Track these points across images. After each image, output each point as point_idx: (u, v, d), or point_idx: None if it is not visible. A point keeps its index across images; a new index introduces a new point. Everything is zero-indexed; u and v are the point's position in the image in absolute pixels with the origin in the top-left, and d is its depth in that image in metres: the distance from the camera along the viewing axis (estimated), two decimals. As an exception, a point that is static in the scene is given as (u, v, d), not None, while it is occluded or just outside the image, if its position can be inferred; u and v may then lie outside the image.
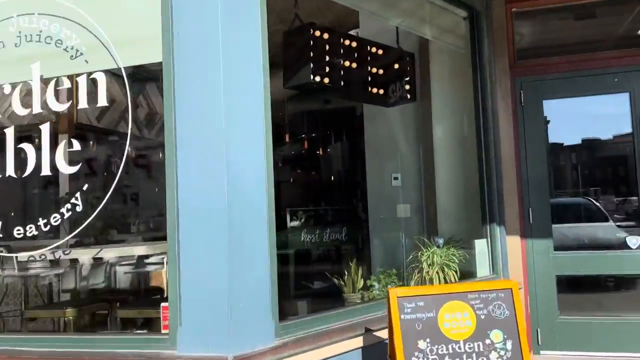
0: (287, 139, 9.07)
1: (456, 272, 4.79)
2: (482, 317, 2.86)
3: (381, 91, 4.31)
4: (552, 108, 5.12)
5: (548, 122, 5.16)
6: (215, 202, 2.59)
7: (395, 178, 5.84)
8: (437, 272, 4.85)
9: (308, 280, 6.38)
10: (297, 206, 7.71)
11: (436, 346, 2.79)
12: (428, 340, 2.80)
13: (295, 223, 7.32)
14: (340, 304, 4.53)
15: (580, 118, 5.16)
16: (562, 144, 5.32)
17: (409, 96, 4.53)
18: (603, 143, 5.16)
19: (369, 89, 4.18)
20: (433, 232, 5.36)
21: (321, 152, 8.97)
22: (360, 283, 4.88)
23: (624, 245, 4.80)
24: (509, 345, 2.82)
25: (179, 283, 2.64)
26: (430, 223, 5.52)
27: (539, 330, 4.83)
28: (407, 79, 4.52)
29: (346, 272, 4.89)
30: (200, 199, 2.64)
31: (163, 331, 2.73)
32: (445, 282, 4.85)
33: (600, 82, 4.89)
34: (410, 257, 5.06)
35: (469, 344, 2.81)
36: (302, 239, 6.99)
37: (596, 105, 5.09)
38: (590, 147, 5.24)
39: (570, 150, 5.34)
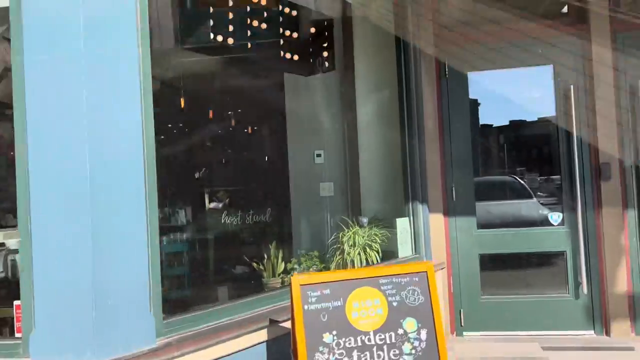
0: (210, 116, 8.54)
1: (378, 252, 4.60)
2: (395, 304, 2.58)
3: (296, 57, 3.92)
4: (481, 89, 4.98)
5: (479, 104, 5.02)
6: (75, 180, 2.14)
7: (318, 155, 5.52)
8: (359, 253, 4.65)
9: (228, 266, 5.99)
10: (218, 186, 7.26)
11: (343, 339, 2.48)
12: (335, 332, 2.49)
13: (216, 204, 6.89)
14: (260, 289, 4.23)
15: (509, 98, 5.04)
16: (492, 125, 5.21)
17: (327, 64, 4.17)
18: (529, 123, 5.07)
19: (282, 54, 3.78)
20: (357, 211, 5.11)
21: (247, 130, 8.50)
22: (281, 267, 4.62)
23: (546, 222, 4.73)
24: (423, 334, 2.56)
25: (32, 277, 2.17)
26: (355, 202, 5.26)
27: (461, 311, 4.68)
28: (326, 45, 4.16)
29: (266, 256, 4.51)
30: (56, 175, 2.17)
31: (17, 335, 2.26)
32: (367, 263, 4.64)
33: (525, 54, 4.73)
34: (332, 237, 4.81)
35: (380, 335, 2.52)
36: (223, 221, 6.58)
37: (523, 84, 4.98)
38: (517, 127, 5.17)
39: (498, 131, 5.24)
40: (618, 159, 4.41)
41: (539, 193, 5.00)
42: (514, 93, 5.04)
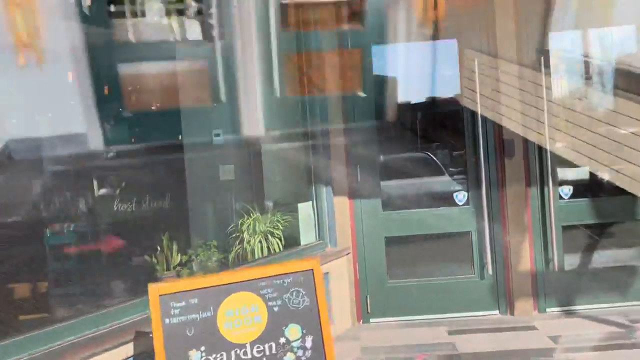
0: (105, 92, 7.79)
1: (281, 240, 4.32)
2: (276, 309, 2.24)
3: (176, 23, 3.44)
4: (397, 65, 4.81)
5: (397, 80, 4.81)
6: None
7: (217, 135, 5.07)
8: (260, 241, 4.35)
9: (119, 259, 5.45)
10: (109, 170, 6.61)
11: (214, 355, 2.11)
12: (203, 348, 2.11)
13: (107, 190, 6.26)
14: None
15: (424, 75, 4.85)
16: (409, 101, 4.97)
17: (215, 35, 3.71)
18: (445, 100, 4.87)
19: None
20: (260, 195, 4.76)
21: (137, 106, 7.82)
22: (177, 259, 4.22)
23: (453, 201, 4.58)
24: (308, 342, 2.25)
25: None
26: (258, 186, 4.89)
27: (368, 297, 4.47)
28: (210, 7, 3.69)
29: (159, 248, 4.23)
30: None
31: None
32: (269, 252, 4.35)
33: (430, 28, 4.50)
34: (232, 225, 4.46)
35: (258, 347, 2.18)
36: (116, 208, 5.99)
37: (435, 59, 4.79)
38: (433, 104, 4.95)
39: (416, 107, 5.02)
40: (522, 136, 4.31)
41: (450, 169, 4.86)
42: (429, 69, 4.85)
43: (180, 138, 4.32)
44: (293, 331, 2.25)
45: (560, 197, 4.41)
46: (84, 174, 4.40)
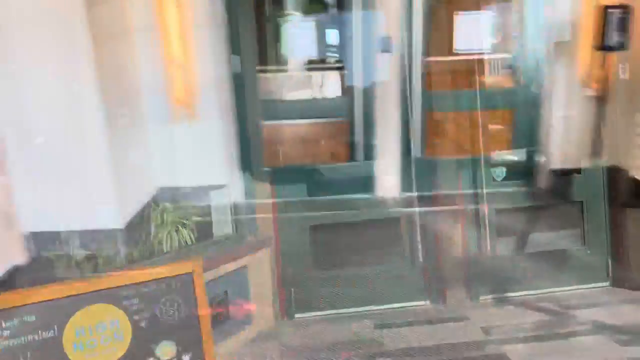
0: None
1: (193, 232, 3.87)
2: (143, 324, 1.82)
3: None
4: None
5: None
6: None
7: (124, 115, 4.53)
8: (170, 234, 3.92)
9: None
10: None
11: (58, 386, 1.67)
12: (43, 378, 1.66)
13: None
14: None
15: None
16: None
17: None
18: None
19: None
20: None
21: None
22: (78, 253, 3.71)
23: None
24: (185, 361, 1.84)
25: None
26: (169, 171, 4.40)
27: (292, 291, 4.11)
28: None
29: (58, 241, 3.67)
30: None
31: None
32: (180, 246, 3.91)
33: None
34: (136, 215, 3.98)
35: (119, 371, 1.75)
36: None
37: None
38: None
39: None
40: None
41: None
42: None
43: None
44: (166, 350, 1.83)
45: (494, 179, 4.17)
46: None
